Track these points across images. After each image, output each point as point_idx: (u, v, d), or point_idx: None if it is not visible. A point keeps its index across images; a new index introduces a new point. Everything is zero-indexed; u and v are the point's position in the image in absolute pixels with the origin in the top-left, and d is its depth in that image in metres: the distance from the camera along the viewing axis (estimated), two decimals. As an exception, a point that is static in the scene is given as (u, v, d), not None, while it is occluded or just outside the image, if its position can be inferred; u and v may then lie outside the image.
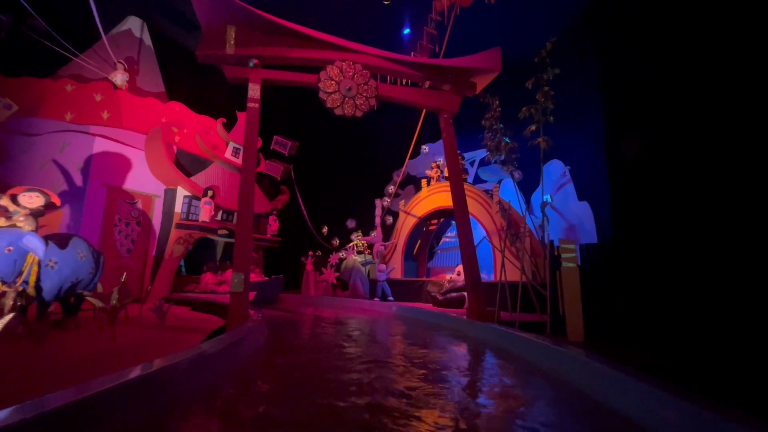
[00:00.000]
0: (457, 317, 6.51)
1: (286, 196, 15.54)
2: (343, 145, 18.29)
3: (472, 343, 5.21)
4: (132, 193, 10.49)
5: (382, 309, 9.83)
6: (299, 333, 5.96)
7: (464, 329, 6.01)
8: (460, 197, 6.88)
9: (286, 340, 5.27)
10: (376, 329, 6.61)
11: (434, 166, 12.57)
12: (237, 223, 5.81)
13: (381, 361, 4.07)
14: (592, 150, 11.28)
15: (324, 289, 14.75)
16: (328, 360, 4.12)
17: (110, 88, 11.03)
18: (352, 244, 15.80)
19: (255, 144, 6.18)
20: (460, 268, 10.29)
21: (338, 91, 6.35)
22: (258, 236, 14.09)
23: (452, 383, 3.39)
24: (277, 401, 2.89)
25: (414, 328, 6.68)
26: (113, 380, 2.51)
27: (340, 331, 6.00)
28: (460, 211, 6.80)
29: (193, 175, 11.84)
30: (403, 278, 12.50)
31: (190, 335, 5.39)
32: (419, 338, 5.59)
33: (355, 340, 5.21)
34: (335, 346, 4.81)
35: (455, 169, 6.99)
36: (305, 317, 8.60)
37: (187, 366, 3.25)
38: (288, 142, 14.25)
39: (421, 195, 12.75)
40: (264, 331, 5.57)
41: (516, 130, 10.94)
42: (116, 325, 6.08)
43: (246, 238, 5.77)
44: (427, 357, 4.35)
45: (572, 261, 5.99)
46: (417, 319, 7.75)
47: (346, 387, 3.15)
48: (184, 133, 12.15)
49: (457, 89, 7.23)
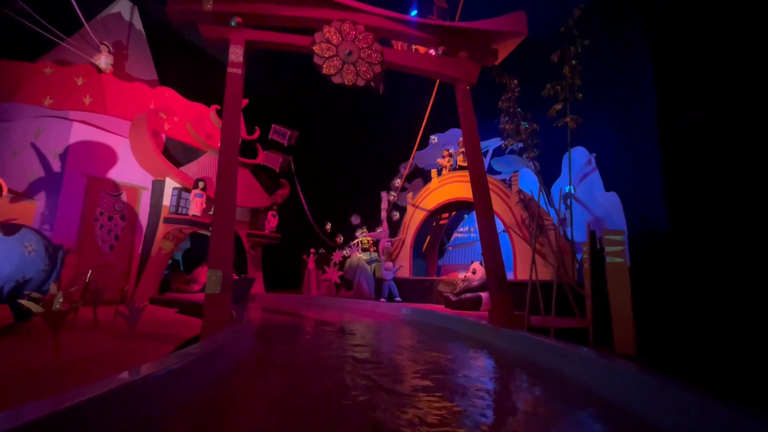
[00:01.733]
0: (477, 323, 5.49)
1: (287, 190, 14.62)
2: (347, 135, 17.32)
3: (505, 361, 4.19)
4: (116, 184, 9.61)
5: (389, 312, 8.85)
6: (291, 344, 4.98)
7: (489, 338, 4.99)
8: (481, 183, 5.86)
9: (272, 355, 4.30)
10: (383, 338, 5.62)
11: (446, 154, 11.53)
12: (215, 209, 4.86)
13: (389, 391, 3.07)
14: (624, 133, 10.16)
15: (326, 288, 13.84)
16: (321, 388, 3.14)
17: (93, 72, 10.16)
18: (356, 241, 14.86)
19: (237, 116, 5.22)
20: (475, 265, 9.27)
21: (336, 55, 5.36)
22: (256, 232, 13.19)
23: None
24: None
25: (427, 336, 5.68)
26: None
27: (341, 344, 5.01)
28: (480, 200, 5.79)
29: (183, 165, 10.94)
30: (411, 277, 11.51)
31: (157, 345, 4.45)
32: (436, 351, 4.58)
33: (358, 358, 4.22)
34: (332, 366, 3.82)
35: (474, 150, 5.97)
36: (303, 322, 7.64)
37: (122, 395, 2.29)
38: (287, 131, 13.31)
39: (430, 186, 11.73)
40: (247, 341, 4.62)
41: (535, 113, 9.91)
42: (75, 331, 5.20)
43: (225, 227, 4.81)
44: (451, 383, 3.34)
45: (620, 255, 4.95)
46: (430, 325, 6.74)
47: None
48: (175, 120, 11.27)
49: (475, 56, 6.21)
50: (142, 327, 5.61)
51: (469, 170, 6.04)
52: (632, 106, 9.93)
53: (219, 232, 4.75)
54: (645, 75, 9.46)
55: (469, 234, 12.21)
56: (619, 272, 4.92)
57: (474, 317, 6.69)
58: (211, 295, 4.47)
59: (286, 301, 12.02)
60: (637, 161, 9.83)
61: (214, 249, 4.67)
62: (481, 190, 5.83)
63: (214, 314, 4.46)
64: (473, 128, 6.04)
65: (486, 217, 5.72)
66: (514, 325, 5.20)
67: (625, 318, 4.79)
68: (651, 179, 9.21)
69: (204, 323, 4.39)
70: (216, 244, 4.70)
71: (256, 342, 4.92)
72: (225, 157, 4.96)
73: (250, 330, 5.10)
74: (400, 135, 15.19)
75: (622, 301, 4.83)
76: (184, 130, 11.30)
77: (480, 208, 5.80)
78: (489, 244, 5.60)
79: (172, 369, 2.69)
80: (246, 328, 5.04)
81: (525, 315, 5.35)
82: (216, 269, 4.56)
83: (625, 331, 4.77)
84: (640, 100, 9.64)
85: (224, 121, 5.08)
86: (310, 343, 5.03)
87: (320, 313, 9.09)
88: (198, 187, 10.68)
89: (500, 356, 4.34)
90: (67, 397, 1.99)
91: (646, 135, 9.48)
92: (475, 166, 5.90)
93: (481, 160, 5.99)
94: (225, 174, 4.94)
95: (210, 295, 4.47)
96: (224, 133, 5.05)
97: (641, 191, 9.53)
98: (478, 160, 5.92)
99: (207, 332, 4.30)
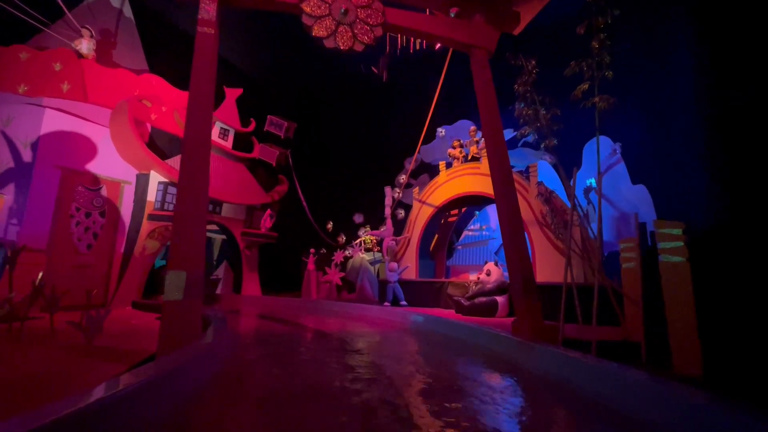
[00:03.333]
0: (500, 335, 4.56)
1: (285, 186, 13.76)
2: (349, 128, 16.43)
3: (544, 389, 3.26)
4: (95, 177, 8.81)
5: (395, 318, 7.93)
6: (277, 365, 4.08)
7: (517, 356, 4.06)
8: (503, 169, 4.93)
9: (247, 382, 3.39)
10: (389, 353, 4.71)
11: (457, 144, 10.58)
12: (178, 194, 3.97)
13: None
14: (658, 118, 9.16)
15: (327, 291, 12.94)
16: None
17: (73, 57, 9.37)
18: (359, 241, 13.97)
19: (209, 84, 4.31)
20: (489, 266, 8.33)
21: (329, 14, 4.47)
22: (251, 231, 12.34)
23: None
24: None
25: (441, 351, 4.75)
26: None
27: (338, 364, 4.11)
28: (503, 189, 4.86)
29: (171, 158, 10.12)
30: (417, 279, 10.58)
31: (105, 365, 3.59)
32: (454, 377, 3.66)
33: (359, 388, 3.31)
34: (325, 403, 2.92)
35: (494, 130, 5.04)
36: (297, 332, 6.75)
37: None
38: (284, 122, 12.46)
39: (438, 180, 10.80)
40: (218, 360, 3.73)
41: (554, 99, 8.98)
42: (21, 345, 4.37)
43: (193, 216, 3.93)
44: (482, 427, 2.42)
45: (679, 253, 3.99)
46: (443, 336, 5.80)
47: None
48: (162, 110, 10.47)
49: (493, 19, 5.28)
50: (105, 338, 4.77)
51: (489, 154, 5.12)
52: (670, 87, 8.92)
53: (184, 222, 3.87)
54: (688, 50, 8.47)
55: (481, 232, 11.27)
56: (678, 274, 3.96)
57: (493, 326, 5.76)
58: (171, 303, 3.58)
59: (282, 305, 11.15)
60: (672, 149, 8.81)
61: (176, 244, 3.79)
62: (503, 175, 4.90)
63: (175, 326, 3.58)
64: (492, 104, 5.11)
65: (509, 207, 4.79)
66: (546, 339, 4.26)
67: (688, 330, 3.83)
68: (692, 170, 8.20)
69: (160, 338, 3.51)
70: (180, 238, 3.81)
71: (230, 362, 4.03)
72: (193, 131, 4.08)
73: (225, 344, 4.21)
74: (405, 128, 14.28)
75: (683, 309, 3.88)
76: (172, 121, 10.49)
77: (502, 198, 4.87)
78: (513, 240, 4.67)
79: (98, 404, 1.80)
80: (221, 342, 4.15)
81: (558, 326, 4.41)
82: (177, 269, 3.67)
83: (687, 346, 3.81)
84: (681, 80, 8.63)
85: (192, 89, 4.20)
86: (300, 364, 4.13)
87: (318, 321, 8.21)
88: (186, 182, 9.84)
89: (534, 383, 3.41)
90: None
91: (687, 120, 8.47)
92: (496, 149, 4.97)
93: (502, 141, 5.06)
94: (192, 149, 4.06)
95: (170, 303, 3.58)
96: (193, 103, 4.17)
97: (678, 184, 8.51)
98: (498, 142, 4.99)
99: (164, 350, 3.42)
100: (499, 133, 5.08)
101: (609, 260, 9.01)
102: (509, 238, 4.72)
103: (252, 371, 3.71)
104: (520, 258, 4.60)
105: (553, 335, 4.36)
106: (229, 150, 11.69)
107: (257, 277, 12.83)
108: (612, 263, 9.10)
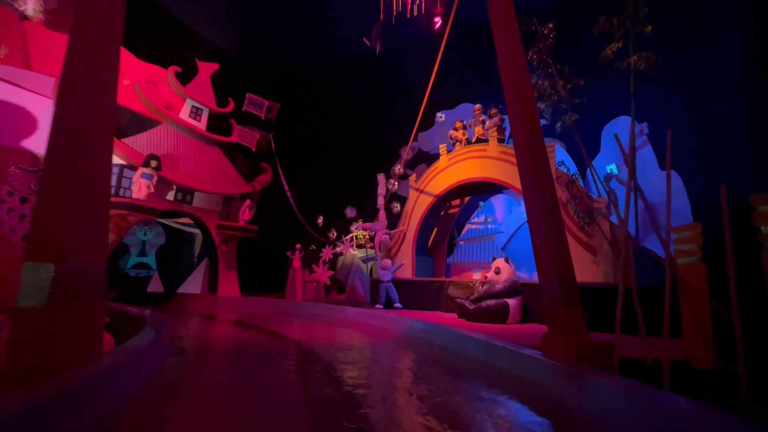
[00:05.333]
0: (527, 354, 3.25)
1: (268, 175, 12.44)
2: (340, 112, 15.08)
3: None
4: (34, 156, 7.47)
5: (388, 325, 6.62)
6: (221, 400, 2.78)
7: (559, 390, 2.75)
8: (531, 135, 3.63)
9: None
10: (379, 382, 3.43)
11: (459, 125, 9.28)
12: (56, 109, 2.66)
13: None
14: (698, 92, 7.88)
15: (314, 291, 11.68)
16: None
17: (13, 18, 8.03)
18: (350, 236, 12.70)
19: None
20: (499, 263, 7.06)
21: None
22: (228, 224, 11.03)
23: None
24: None
25: (449, 378, 3.44)
26: None
27: (310, 398, 2.82)
28: (531, 160, 3.57)
29: (130, 137, 8.78)
30: (414, 278, 9.30)
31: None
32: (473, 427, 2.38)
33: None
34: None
35: (518, 80, 3.75)
36: (267, 343, 5.44)
37: None
38: (265, 101, 11.13)
39: (438, 165, 9.51)
40: (119, 393, 2.42)
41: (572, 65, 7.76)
42: None
43: (86, 154, 2.64)
44: None
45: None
46: (447, 352, 4.47)
47: None
48: (124, 83, 9.14)
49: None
50: None
51: (511, 116, 3.82)
52: (717, 53, 7.65)
53: (65, 168, 2.57)
54: (738, 12, 7.24)
55: (486, 225, 10.02)
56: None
57: (507, 336, 4.48)
58: (26, 313, 2.27)
59: (262, 307, 9.83)
60: (714, 129, 7.54)
61: (46, 211, 2.48)
62: (532, 141, 3.61)
63: (34, 349, 2.27)
64: (515, 44, 3.81)
65: (539, 184, 3.50)
66: (596, 362, 2.98)
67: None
68: (738, 154, 6.95)
69: (7, 364, 2.20)
70: (54, 201, 2.51)
71: (140, 397, 2.72)
72: (79, 35, 2.78)
73: (137, 373, 2.91)
74: (403, 112, 12.97)
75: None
76: (133, 95, 9.16)
77: (530, 171, 3.57)
78: (546, 228, 3.38)
79: None
80: (130, 369, 2.84)
81: (611, 343, 3.13)
82: (40, 260, 2.36)
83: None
84: (730, 46, 7.38)
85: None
86: (256, 398, 2.83)
87: (300, 329, 6.90)
88: (149, 166, 8.53)
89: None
90: None
91: (736, 92, 7.21)
92: (522, 108, 3.67)
93: (530, 96, 3.75)
94: (82, 43, 2.76)
95: (23, 312, 2.27)
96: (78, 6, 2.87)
97: (719, 171, 7.25)
98: (525, 98, 3.69)
99: (14, 384, 2.11)
100: (526, 83, 3.78)
101: (641, 257, 7.80)
102: (541, 225, 3.43)
103: (173, 414, 2.40)
104: (556, 252, 3.32)
105: (604, 356, 3.08)
106: (202, 131, 10.36)
107: (235, 276, 11.52)
108: (643, 260, 7.83)
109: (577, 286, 3.32)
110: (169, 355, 3.98)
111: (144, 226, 16.49)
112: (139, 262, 16.99)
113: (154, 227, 16.28)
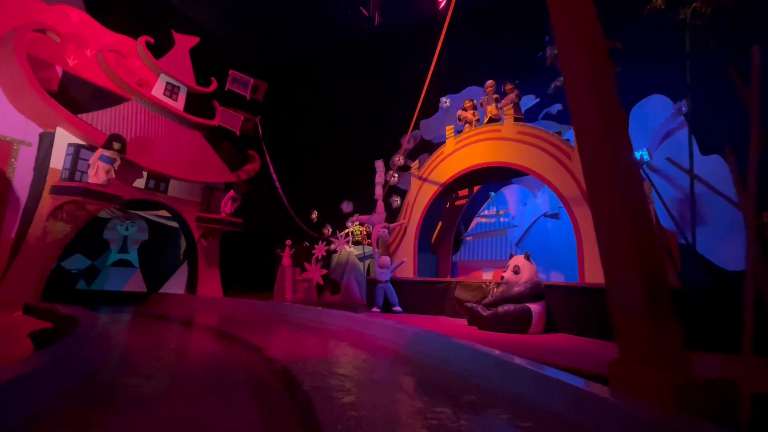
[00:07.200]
0: (597, 395, 2.13)
1: (256, 164, 11.33)
2: (335, 96, 13.94)
3: None
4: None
5: (386, 335, 5.44)
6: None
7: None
8: (599, 87, 2.49)
9: None
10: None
11: (469, 105, 8.14)
12: None
13: None
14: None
15: (305, 292, 10.63)
16: None
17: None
18: (345, 231, 11.61)
19: None
20: (518, 260, 5.92)
21: None
22: (208, 216, 9.91)
23: None
24: None
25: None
26: None
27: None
28: (591, 91, 2.44)
29: (89, 113, 7.62)
30: (415, 278, 8.19)
31: None
32: None
33: None
34: None
35: (577, 14, 2.62)
36: (242, 360, 4.32)
37: None
38: (250, 79, 9.99)
39: (444, 150, 8.38)
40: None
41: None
42: None
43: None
44: None
45: None
46: (468, 381, 3.32)
47: None
48: (87, 55, 8.03)
49: None
50: None
51: (566, 74, 2.69)
52: None
53: None
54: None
55: (498, 218, 8.90)
56: None
57: (543, 353, 3.36)
58: None
59: (243, 310, 8.70)
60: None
61: None
62: (601, 95, 2.47)
63: None
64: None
65: (605, 134, 2.37)
66: (706, 410, 1.86)
67: None
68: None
69: None
70: None
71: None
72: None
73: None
74: (404, 96, 11.84)
75: None
76: (98, 68, 8.04)
77: (590, 112, 2.44)
78: (621, 200, 2.27)
79: None
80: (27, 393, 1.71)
81: (730, 382, 2.01)
82: None
83: None
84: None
85: None
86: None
87: (286, 339, 5.78)
88: (111, 147, 7.39)
89: None
90: None
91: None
92: (586, 49, 2.54)
93: (597, 34, 2.62)
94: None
95: None
96: None
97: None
98: (594, 44, 2.56)
99: None
100: (590, 11, 2.64)
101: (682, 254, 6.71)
102: (614, 197, 2.31)
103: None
104: (637, 240, 2.20)
105: (719, 401, 1.97)
106: (179, 112, 9.22)
107: (218, 274, 10.42)
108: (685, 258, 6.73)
109: (670, 293, 2.19)
110: (78, 381, 2.85)
111: (126, 221, 15.37)
112: (120, 258, 15.91)
113: (137, 221, 15.18)
